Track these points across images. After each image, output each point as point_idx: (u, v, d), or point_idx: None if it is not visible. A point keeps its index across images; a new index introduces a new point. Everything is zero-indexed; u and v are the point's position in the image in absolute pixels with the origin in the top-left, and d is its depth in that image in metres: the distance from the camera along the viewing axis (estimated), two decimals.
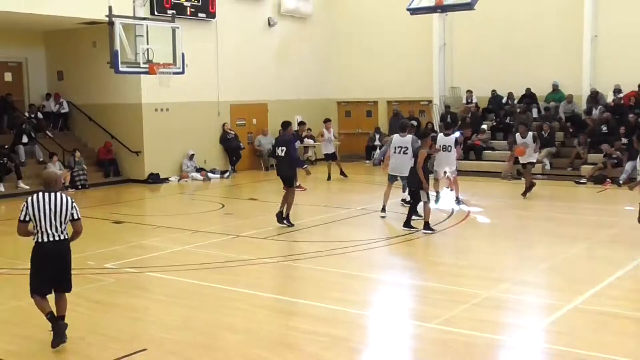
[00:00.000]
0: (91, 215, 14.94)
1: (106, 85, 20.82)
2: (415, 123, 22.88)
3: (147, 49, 15.07)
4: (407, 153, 13.46)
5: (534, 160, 16.66)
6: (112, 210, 15.93)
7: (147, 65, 15.05)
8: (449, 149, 15.29)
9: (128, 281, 9.73)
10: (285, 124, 13.54)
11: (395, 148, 13.88)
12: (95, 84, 21.31)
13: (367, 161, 24.98)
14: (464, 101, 24.02)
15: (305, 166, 15.60)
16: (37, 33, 22.23)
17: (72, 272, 7.48)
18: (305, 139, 25.51)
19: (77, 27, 20.57)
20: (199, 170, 21.40)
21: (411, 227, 12.42)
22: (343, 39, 26.72)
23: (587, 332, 7.28)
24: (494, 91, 23.50)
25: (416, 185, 12.40)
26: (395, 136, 14.09)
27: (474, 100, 23.74)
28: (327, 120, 21.60)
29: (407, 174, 13.10)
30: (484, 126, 22.70)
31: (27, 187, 18.21)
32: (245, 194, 16.63)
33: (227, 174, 21.82)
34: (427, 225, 12.31)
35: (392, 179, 14.19)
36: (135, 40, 15.15)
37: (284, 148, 13.16)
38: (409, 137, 13.69)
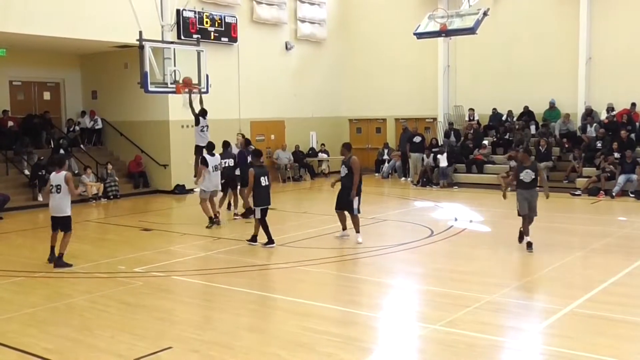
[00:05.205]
0: (122, 223, 15.04)
1: (136, 103, 20.98)
2: (420, 138, 23.10)
3: (174, 71, 15.14)
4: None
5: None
6: (141, 219, 15.99)
7: (174, 86, 15.10)
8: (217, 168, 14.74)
9: (155, 284, 9.73)
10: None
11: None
12: (127, 102, 21.48)
13: (377, 174, 24.97)
14: (467, 118, 24.00)
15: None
16: (73, 56, 22.45)
17: (104, 275, 7.48)
18: (320, 153, 25.61)
19: (110, 50, 20.76)
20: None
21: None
22: (354, 61, 26.80)
23: (582, 335, 7.21)
24: (494, 109, 23.47)
25: None
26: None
27: (476, 118, 23.74)
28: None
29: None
30: (485, 142, 22.66)
31: None
32: None
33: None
34: (254, 238, 12.21)
35: None
36: (164, 62, 15.23)
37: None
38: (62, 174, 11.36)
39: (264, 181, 12.02)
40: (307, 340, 7.14)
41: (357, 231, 12.37)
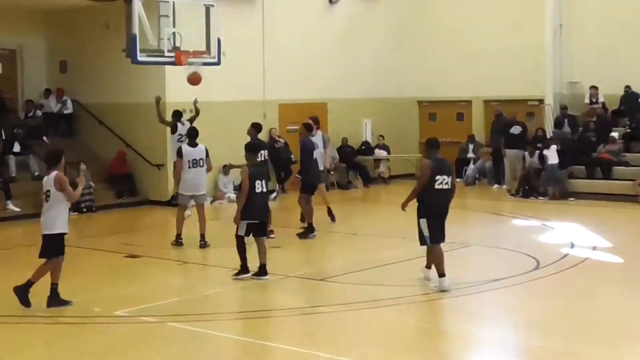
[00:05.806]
0: (99, 246, 15.13)
1: (121, 79, 21.16)
2: (520, 129, 22.79)
3: (174, 33, 15.23)
4: None
5: None
6: (125, 241, 16.12)
7: (173, 54, 15.18)
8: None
9: (144, 333, 9.75)
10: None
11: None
12: (108, 77, 21.68)
13: (459, 179, 24.70)
14: (587, 100, 23.72)
15: None
16: (35, 13, 22.75)
17: (73, 320, 7.44)
18: (377, 150, 25.50)
19: (85, 5, 20.93)
20: (237, 187, 21.39)
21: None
22: (426, 21, 26.73)
23: None
24: (627, 87, 23.18)
25: None
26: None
27: (601, 100, 23.44)
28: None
29: None
30: (614, 134, 22.30)
31: (18, 209, 18.44)
32: (297, 221, 16.54)
33: (274, 194, 21.77)
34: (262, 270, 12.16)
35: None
36: (159, 22, 15.34)
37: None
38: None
39: (259, 186, 11.92)
40: None
41: (427, 266, 11.82)
